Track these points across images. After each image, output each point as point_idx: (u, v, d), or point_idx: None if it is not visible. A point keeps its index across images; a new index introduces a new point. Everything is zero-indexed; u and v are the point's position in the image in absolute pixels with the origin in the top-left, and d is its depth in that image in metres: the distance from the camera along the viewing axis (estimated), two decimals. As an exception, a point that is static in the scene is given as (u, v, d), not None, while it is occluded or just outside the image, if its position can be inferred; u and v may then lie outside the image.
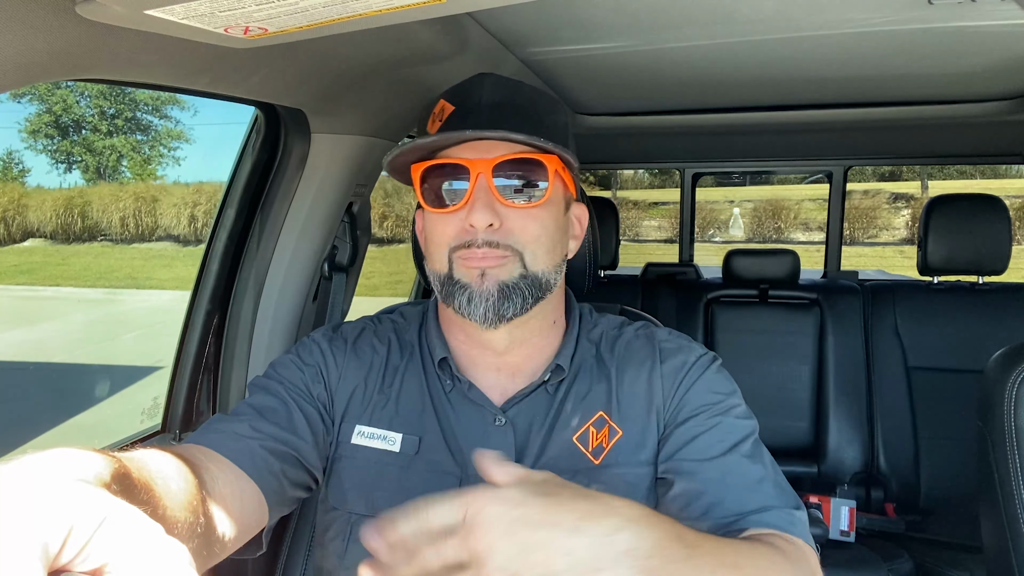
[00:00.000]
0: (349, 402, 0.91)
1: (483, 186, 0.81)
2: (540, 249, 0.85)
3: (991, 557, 1.23)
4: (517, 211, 0.83)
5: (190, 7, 0.63)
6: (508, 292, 0.83)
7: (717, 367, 0.92)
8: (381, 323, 1.00)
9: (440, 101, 0.87)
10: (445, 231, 0.84)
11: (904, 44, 1.39)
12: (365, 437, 0.90)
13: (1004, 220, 2.37)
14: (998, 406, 1.18)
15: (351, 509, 0.88)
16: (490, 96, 0.85)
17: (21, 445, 5.69)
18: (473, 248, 0.82)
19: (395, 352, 0.95)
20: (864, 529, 2.25)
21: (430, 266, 0.89)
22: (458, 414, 0.90)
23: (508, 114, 0.83)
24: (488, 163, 0.81)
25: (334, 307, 1.56)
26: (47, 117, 21.13)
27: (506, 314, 0.83)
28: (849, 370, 2.49)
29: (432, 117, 0.87)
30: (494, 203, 0.81)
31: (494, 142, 0.82)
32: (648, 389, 0.90)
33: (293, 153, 1.41)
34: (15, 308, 12.81)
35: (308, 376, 0.91)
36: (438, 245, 0.86)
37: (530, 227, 0.84)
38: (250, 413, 0.85)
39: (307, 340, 0.96)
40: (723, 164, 3.26)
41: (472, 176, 0.81)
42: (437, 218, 0.85)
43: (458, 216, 0.83)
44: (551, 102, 0.91)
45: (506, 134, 0.79)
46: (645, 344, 0.95)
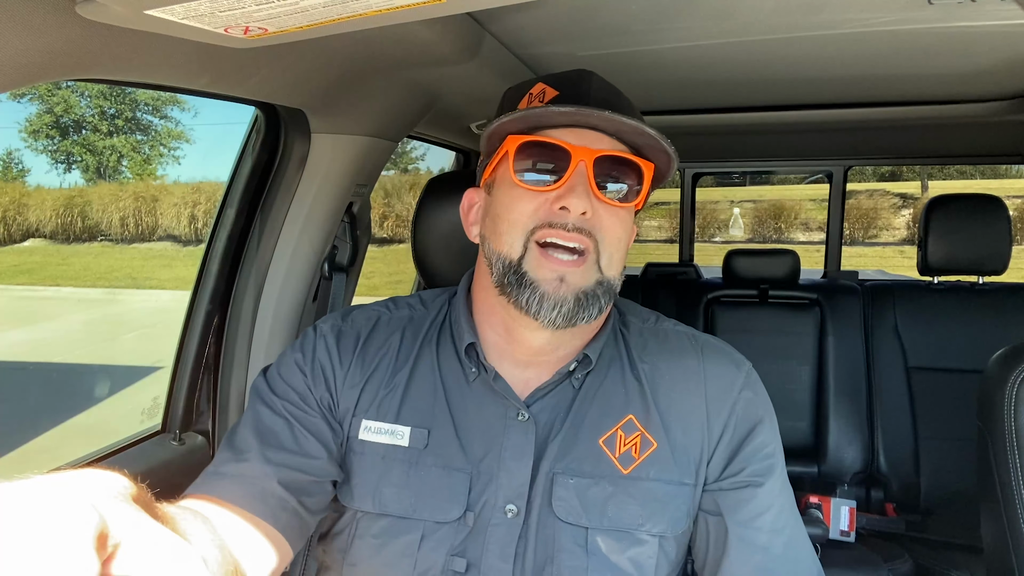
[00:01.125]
0: (356, 400, 0.87)
1: (582, 172, 0.79)
2: (618, 253, 0.82)
3: (991, 557, 1.23)
4: (608, 207, 0.80)
5: (190, 7, 0.63)
6: (585, 301, 0.79)
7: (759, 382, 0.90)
8: (397, 308, 0.95)
9: (538, 84, 0.84)
10: (526, 209, 0.80)
11: (904, 44, 1.39)
12: (372, 432, 0.86)
13: (1004, 220, 2.37)
14: (998, 406, 1.18)
15: (357, 507, 0.85)
16: (599, 92, 0.83)
17: (21, 445, 5.69)
18: (560, 230, 0.78)
19: (407, 341, 0.90)
20: (864, 529, 2.25)
21: (496, 245, 0.83)
22: (477, 406, 0.86)
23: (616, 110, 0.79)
24: (592, 152, 0.79)
25: (334, 307, 1.56)
26: (47, 117, 21.13)
27: (578, 321, 0.80)
28: (849, 370, 2.49)
29: (529, 97, 0.84)
30: (590, 193, 0.79)
31: (599, 136, 0.80)
32: (692, 401, 0.86)
33: (293, 153, 1.41)
34: (15, 308, 12.81)
35: (310, 379, 0.87)
36: (514, 223, 0.81)
37: (616, 227, 0.81)
38: (256, 445, 0.82)
39: (312, 333, 0.91)
40: (723, 164, 3.25)
41: (573, 161, 0.78)
42: (521, 193, 0.81)
43: (545, 197, 0.79)
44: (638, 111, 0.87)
45: (640, 125, 0.77)
46: (686, 345, 0.91)
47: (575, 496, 0.82)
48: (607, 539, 0.81)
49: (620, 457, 0.84)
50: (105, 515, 0.36)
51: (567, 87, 0.83)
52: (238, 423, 0.87)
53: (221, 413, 1.49)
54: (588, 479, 0.82)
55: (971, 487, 1.36)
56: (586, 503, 0.82)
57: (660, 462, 0.84)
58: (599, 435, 0.84)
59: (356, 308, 0.96)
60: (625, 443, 0.84)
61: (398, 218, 17.01)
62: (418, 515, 0.82)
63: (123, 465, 1.37)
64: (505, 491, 0.82)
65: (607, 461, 0.83)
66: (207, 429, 1.49)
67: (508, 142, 0.82)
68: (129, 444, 1.36)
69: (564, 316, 0.78)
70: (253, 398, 0.88)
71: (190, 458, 1.42)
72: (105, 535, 0.36)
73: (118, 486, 0.44)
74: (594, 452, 0.84)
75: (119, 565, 0.36)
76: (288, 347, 0.91)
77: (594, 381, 0.87)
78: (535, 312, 0.79)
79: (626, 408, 0.86)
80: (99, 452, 1.31)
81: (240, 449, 0.82)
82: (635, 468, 0.83)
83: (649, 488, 0.83)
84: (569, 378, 0.87)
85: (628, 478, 0.83)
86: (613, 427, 0.85)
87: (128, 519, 0.38)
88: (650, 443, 0.84)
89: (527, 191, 0.80)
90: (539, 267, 0.79)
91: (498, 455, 0.83)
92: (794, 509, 0.86)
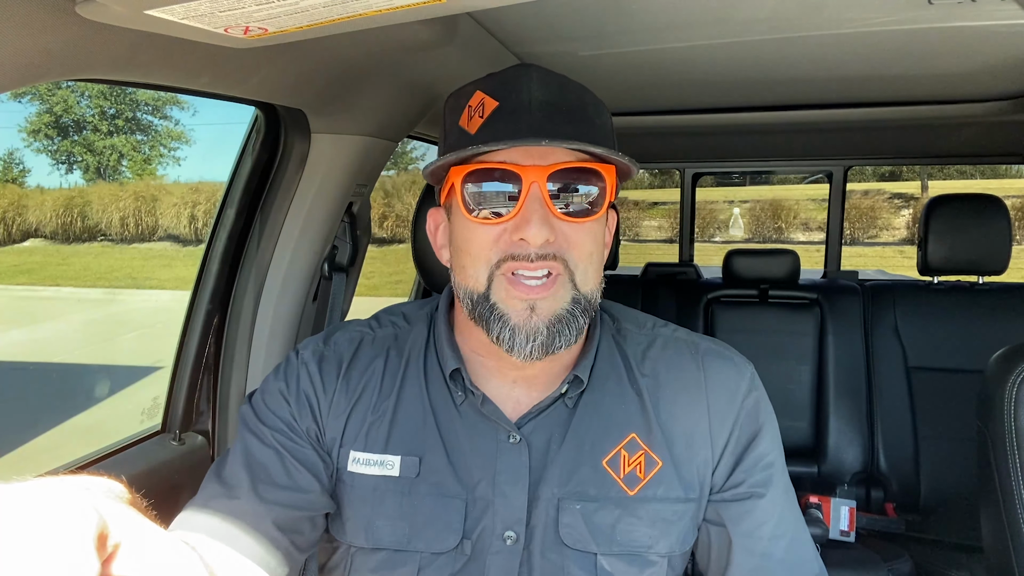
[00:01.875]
0: (342, 429, 0.83)
1: (536, 195, 0.72)
2: (591, 267, 0.77)
3: (991, 557, 1.23)
4: (571, 225, 0.74)
5: (190, 7, 0.63)
6: (560, 326, 0.74)
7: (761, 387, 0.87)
8: (381, 327, 0.90)
9: (477, 93, 0.77)
10: (485, 241, 0.75)
11: (904, 44, 1.39)
12: (361, 464, 0.81)
13: (1004, 220, 2.37)
14: (998, 406, 1.18)
15: (350, 541, 0.82)
16: (540, 94, 0.75)
17: (21, 445, 5.69)
18: (524, 262, 0.73)
19: (392, 364, 0.86)
20: (864, 529, 2.25)
21: (460, 278, 0.79)
22: (468, 430, 0.82)
23: (561, 116, 0.74)
24: (543, 171, 0.72)
25: (334, 307, 1.56)
26: (47, 117, 21.14)
27: (557, 349, 0.75)
28: (849, 370, 2.49)
29: (468, 111, 0.76)
30: (549, 216, 0.72)
31: (548, 148, 0.73)
32: (693, 413, 0.83)
33: (293, 153, 1.41)
34: (15, 308, 12.81)
35: (295, 409, 0.83)
36: (475, 258, 0.76)
37: (585, 243, 0.76)
38: (247, 481, 0.78)
39: (295, 360, 0.86)
40: (723, 164, 3.25)
41: (524, 185, 0.72)
42: (477, 228, 0.75)
43: (502, 228, 0.74)
44: (597, 102, 0.82)
45: (585, 146, 0.71)
46: (686, 353, 0.87)
47: (582, 521, 0.79)
48: (616, 564, 0.79)
49: (625, 478, 0.80)
50: (105, 515, 0.36)
51: (506, 95, 0.75)
52: (227, 454, 0.83)
53: (221, 413, 1.49)
54: (594, 503, 0.80)
55: (971, 487, 1.36)
56: (593, 528, 0.79)
57: (666, 481, 0.81)
58: (602, 456, 0.81)
59: (338, 329, 0.91)
60: (629, 463, 0.81)
61: (398, 218, 17.01)
62: (413, 547, 0.79)
63: (123, 465, 1.37)
64: (503, 517, 0.79)
65: (612, 483, 0.80)
66: (207, 429, 1.49)
67: (452, 174, 0.76)
68: (129, 444, 1.36)
69: (540, 347, 0.74)
70: (242, 428, 0.84)
71: (190, 458, 1.42)
72: (105, 535, 0.36)
73: (116, 490, 0.44)
74: (599, 474, 0.80)
75: (119, 565, 0.36)
76: (271, 374, 0.87)
77: (591, 398, 0.83)
78: (508, 347, 0.75)
79: (627, 426, 0.82)
80: (99, 452, 1.31)
81: (231, 485, 0.78)
82: (641, 489, 0.80)
83: (657, 509, 0.80)
84: (562, 399, 0.83)
85: (635, 500, 0.80)
86: (616, 447, 0.81)
87: (128, 520, 0.38)
88: (655, 462, 0.81)
89: (481, 224, 0.75)
90: (507, 297, 0.75)
91: (492, 480, 0.80)
92: (795, 511, 0.85)
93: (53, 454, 5.57)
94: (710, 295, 2.72)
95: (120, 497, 0.43)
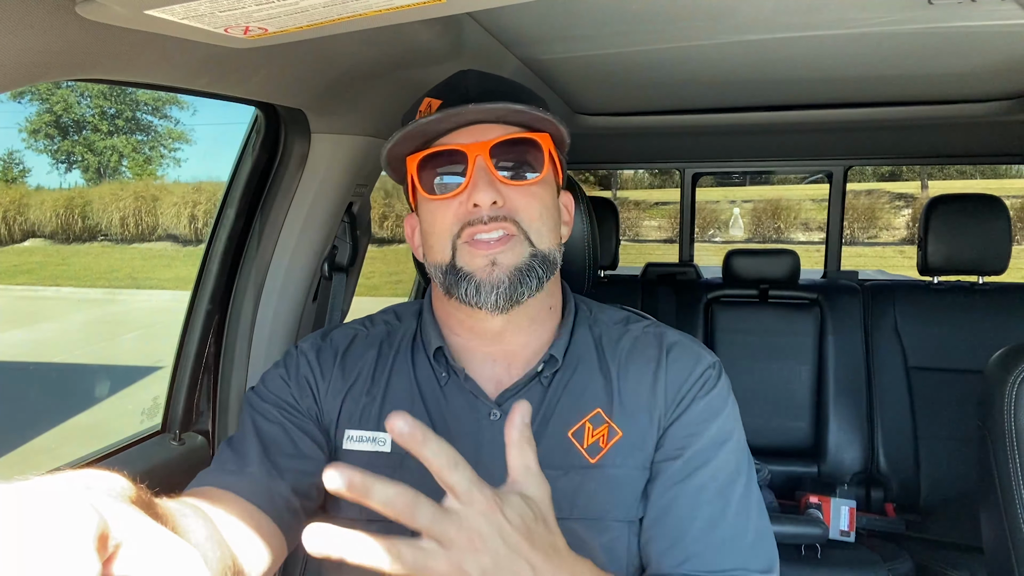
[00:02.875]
0: (338, 410, 0.90)
1: (482, 166, 0.82)
2: (544, 227, 0.85)
3: (991, 557, 1.23)
4: (518, 189, 0.84)
5: (190, 7, 0.63)
6: (521, 276, 0.82)
7: (724, 382, 0.90)
8: (374, 325, 0.98)
9: (425, 99, 0.88)
10: (446, 217, 0.84)
11: (904, 44, 1.39)
12: (355, 441, 0.88)
13: (1004, 220, 2.37)
14: (998, 406, 1.18)
15: (345, 515, 0.86)
16: (476, 86, 0.86)
17: (21, 445, 5.70)
18: (479, 225, 0.82)
19: (384, 353, 0.94)
20: (864, 529, 2.25)
21: (430, 258, 0.88)
22: (451, 407, 0.88)
23: (498, 98, 0.83)
24: (484, 145, 0.82)
25: (334, 307, 1.56)
26: (47, 117, 21.14)
27: (520, 298, 0.83)
28: (849, 370, 2.49)
29: (419, 115, 0.87)
30: (494, 181, 0.82)
31: (487, 127, 0.84)
32: (652, 391, 0.88)
33: (293, 153, 1.41)
34: (15, 308, 12.81)
35: (295, 391, 0.90)
36: (439, 234, 0.85)
37: (533, 204, 0.84)
38: (259, 449, 0.84)
39: (293, 351, 0.94)
40: (723, 164, 3.25)
41: (470, 159, 0.82)
42: (436, 206, 0.85)
43: (457, 201, 0.83)
44: (532, 93, 0.91)
45: (507, 105, 0.80)
46: (652, 343, 0.93)
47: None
48: (578, 528, 0.82)
49: (588, 448, 0.86)
50: (106, 515, 0.36)
51: (448, 93, 0.86)
52: (237, 433, 0.89)
53: (221, 413, 1.49)
54: (558, 470, 0.84)
55: (971, 487, 1.36)
56: (556, 494, 0.82)
57: (624, 450, 0.86)
58: (568, 428, 0.87)
59: (335, 327, 0.99)
60: (593, 435, 0.87)
61: (398, 218, 17.02)
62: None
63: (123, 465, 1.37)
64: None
65: (575, 452, 0.86)
66: (207, 429, 1.49)
67: (408, 164, 0.87)
68: (129, 444, 1.36)
69: (504, 296, 0.82)
70: (246, 409, 0.90)
71: (190, 458, 1.42)
72: (106, 535, 0.36)
73: (118, 487, 0.44)
74: (563, 444, 0.86)
75: (120, 565, 0.36)
76: (271, 366, 0.95)
77: (563, 377, 0.90)
78: (475, 300, 0.82)
79: (594, 402, 0.88)
80: (99, 452, 1.31)
81: (243, 452, 0.84)
82: (601, 457, 0.85)
83: (614, 475, 0.85)
84: (538, 377, 0.89)
85: (595, 467, 0.85)
86: (582, 420, 0.87)
87: (129, 520, 0.38)
88: (616, 432, 0.86)
89: (441, 201, 0.84)
90: (470, 258, 0.83)
91: (476, 454, 0.84)
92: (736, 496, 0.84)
93: (53, 454, 5.57)
94: (710, 295, 2.72)
95: (123, 494, 0.43)
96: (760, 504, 0.86)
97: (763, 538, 0.84)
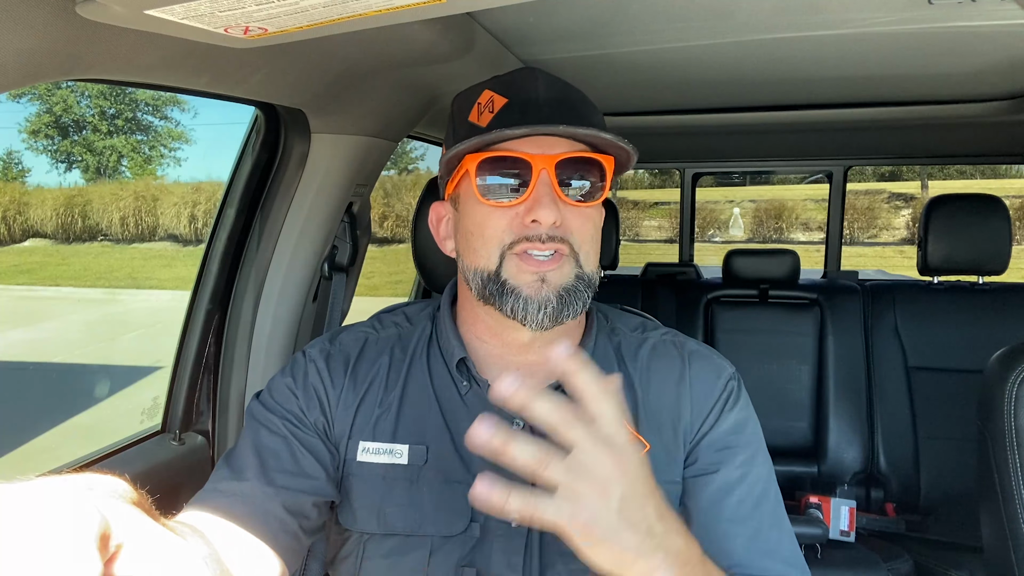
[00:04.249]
0: (351, 422, 0.87)
1: (546, 182, 0.79)
2: (592, 250, 0.84)
3: (991, 557, 1.23)
4: (576, 210, 0.81)
5: (190, 7, 0.63)
6: (568, 297, 0.81)
7: (744, 390, 0.90)
8: (384, 327, 0.95)
9: (486, 91, 0.84)
10: (499, 225, 0.81)
11: (904, 44, 1.39)
12: (370, 453, 0.86)
13: (1004, 220, 2.37)
14: (998, 406, 1.18)
15: (362, 528, 0.85)
16: (546, 91, 0.83)
17: (21, 445, 5.70)
18: (536, 242, 0.79)
19: (397, 361, 0.91)
20: (864, 529, 2.25)
21: (470, 261, 0.85)
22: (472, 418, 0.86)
23: (567, 110, 0.81)
24: (551, 159, 0.79)
25: (334, 307, 1.56)
26: (47, 117, 21.14)
27: (564, 319, 0.81)
28: (849, 370, 2.49)
29: (477, 107, 0.83)
30: (557, 200, 0.80)
31: (552, 139, 0.81)
32: (676, 402, 0.88)
33: (293, 153, 1.41)
34: (15, 308, 12.81)
35: (303, 402, 0.87)
36: (488, 240, 0.82)
37: (587, 227, 0.83)
38: (256, 465, 0.82)
39: (301, 359, 0.91)
40: (723, 164, 3.26)
41: (535, 172, 0.79)
42: (490, 211, 0.82)
43: (514, 211, 0.81)
44: (592, 104, 0.89)
45: (597, 133, 0.78)
46: (672, 353, 0.92)
47: None
48: None
49: None
50: (107, 516, 0.36)
51: (515, 93, 0.83)
52: (236, 445, 0.86)
53: (221, 413, 1.49)
54: None
55: (971, 487, 1.36)
56: None
57: (653, 462, 0.85)
58: None
59: (343, 330, 0.96)
60: None
61: (398, 218, 17.02)
62: (424, 531, 0.83)
63: (123, 465, 1.37)
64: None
65: None
66: (207, 429, 1.49)
67: (467, 161, 0.82)
68: (129, 444, 1.36)
69: (550, 316, 0.80)
70: (249, 420, 0.88)
71: (190, 458, 1.42)
72: (108, 536, 0.36)
73: (119, 489, 0.44)
74: None
75: (122, 566, 0.36)
76: (278, 372, 0.92)
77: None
78: (522, 317, 0.80)
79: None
80: (99, 452, 1.31)
81: (240, 469, 0.82)
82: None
83: None
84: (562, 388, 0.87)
85: None
86: None
87: (131, 520, 0.38)
88: (643, 445, 0.85)
89: (495, 207, 0.81)
90: (519, 272, 0.81)
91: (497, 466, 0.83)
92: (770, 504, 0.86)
93: (53, 454, 5.57)
94: (710, 295, 2.72)
95: (124, 496, 0.43)
96: (783, 507, 0.87)
97: (794, 542, 0.85)
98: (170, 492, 1.37)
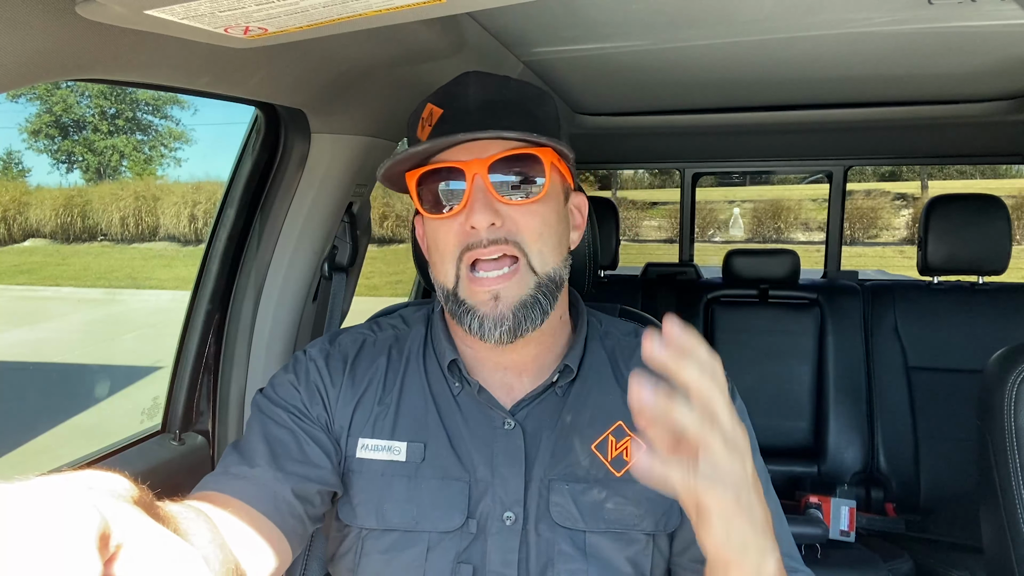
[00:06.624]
0: (350, 418, 0.89)
1: (480, 186, 0.80)
2: (546, 246, 0.83)
3: (991, 557, 1.23)
4: (517, 208, 0.81)
5: (190, 7, 0.63)
6: (526, 311, 0.81)
7: (739, 401, 0.91)
8: (381, 330, 0.97)
9: (427, 105, 0.86)
10: (447, 237, 0.82)
11: (904, 44, 1.39)
12: (369, 450, 0.87)
13: (1004, 220, 2.37)
14: (998, 406, 1.18)
15: (361, 524, 0.86)
16: (477, 95, 0.83)
17: (21, 445, 5.70)
18: (480, 248, 0.80)
19: (394, 362, 0.93)
20: (864, 529, 2.25)
21: (435, 275, 0.87)
22: (465, 417, 0.88)
23: (498, 111, 0.82)
24: (483, 163, 0.80)
25: (334, 307, 1.56)
26: (47, 117, 21.14)
27: (524, 332, 0.82)
28: (849, 370, 2.49)
29: (421, 123, 0.85)
30: (493, 202, 0.80)
31: (488, 142, 0.81)
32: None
33: (293, 153, 1.41)
34: (15, 308, 12.81)
35: (305, 397, 0.89)
36: (442, 254, 0.84)
37: (532, 223, 0.82)
38: (265, 452, 0.83)
39: (303, 357, 0.93)
40: (723, 164, 3.26)
41: (468, 177, 0.80)
42: (437, 224, 0.84)
43: (457, 220, 0.81)
44: (539, 94, 0.89)
45: (497, 133, 0.78)
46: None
47: (571, 501, 0.84)
48: (604, 541, 0.84)
49: (612, 461, 0.86)
50: (107, 516, 0.36)
51: (449, 102, 0.84)
52: (244, 436, 0.88)
53: (221, 413, 1.49)
54: (583, 484, 0.85)
55: (971, 487, 1.36)
56: (582, 507, 0.84)
57: None
58: (591, 441, 0.86)
59: (342, 332, 0.98)
60: (616, 447, 0.86)
61: (398, 218, 17.01)
62: (422, 527, 0.84)
63: (123, 465, 1.37)
64: (502, 499, 0.84)
65: (600, 465, 0.86)
66: (207, 429, 1.49)
67: (408, 180, 0.84)
68: (129, 444, 1.36)
69: (507, 332, 0.81)
70: (255, 412, 0.90)
71: (190, 458, 1.42)
72: (107, 536, 0.36)
73: (119, 487, 0.44)
74: (587, 457, 0.86)
75: (121, 566, 0.36)
76: (280, 369, 0.93)
77: (581, 388, 0.90)
78: (479, 333, 0.82)
79: (614, 414, 0.88)
80: (99, 452, 1.31)
81: (250, 455, 0.83)
82: (628, 470, 0.85)
83: (642, 489, 0.84)
84: (553, 387, 0.89)
85: (621, 480, 0.85)
86: (603, 432, 0.87)
87: (130, 520, 0.38)
88: (641, 446, 0.85)
89: (440, 220, 0.83)
90: (472, 292, 0.82)
91: (491, 464, 0.86)
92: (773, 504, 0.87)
93: (53, 454, 5.57)
94: (710, 295, 2.72)
95: (125, 494, 0.43)
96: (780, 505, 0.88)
97: (791, 539, 0.87)
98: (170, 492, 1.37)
